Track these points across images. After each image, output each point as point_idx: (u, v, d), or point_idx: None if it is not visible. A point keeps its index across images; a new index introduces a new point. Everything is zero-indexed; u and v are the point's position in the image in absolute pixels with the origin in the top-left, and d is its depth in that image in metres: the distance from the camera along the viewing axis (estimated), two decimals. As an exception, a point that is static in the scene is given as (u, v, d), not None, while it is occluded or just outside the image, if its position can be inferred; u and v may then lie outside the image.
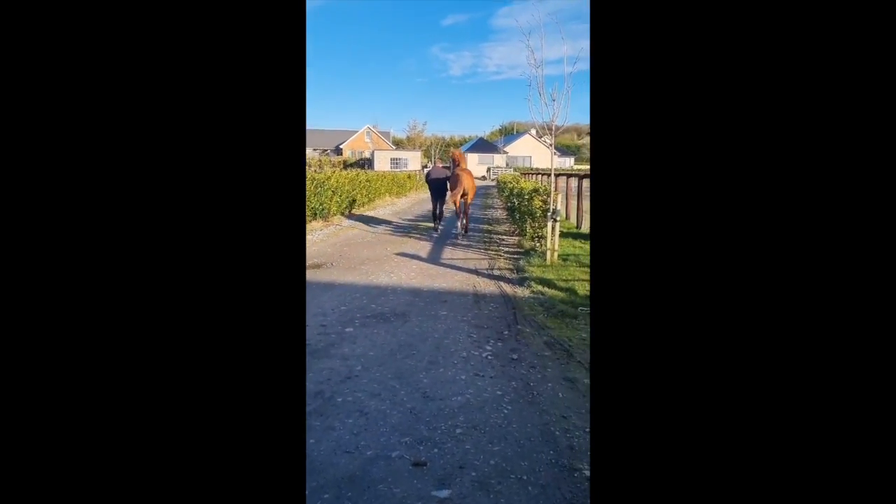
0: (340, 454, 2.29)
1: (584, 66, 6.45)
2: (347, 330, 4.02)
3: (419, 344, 3.72)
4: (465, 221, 9.68)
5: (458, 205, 9.29)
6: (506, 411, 2.72)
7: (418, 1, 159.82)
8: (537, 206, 7.39)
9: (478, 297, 5.11)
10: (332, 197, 11.37)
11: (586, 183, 10.44)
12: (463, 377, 3.15)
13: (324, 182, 11.03)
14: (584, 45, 6.45)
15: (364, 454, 2.29)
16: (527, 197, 7.85)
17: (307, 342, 3.70)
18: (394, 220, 12.41)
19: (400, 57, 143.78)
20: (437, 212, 9.92)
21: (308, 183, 10.20)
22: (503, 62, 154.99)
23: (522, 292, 5.31)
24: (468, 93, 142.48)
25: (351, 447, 2.35)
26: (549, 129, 6.60)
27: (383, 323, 4.22)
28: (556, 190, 6.96)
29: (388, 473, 2.15)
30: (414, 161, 42.24)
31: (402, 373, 3.19)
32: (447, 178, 9.59)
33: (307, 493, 2.02)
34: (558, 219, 6.81)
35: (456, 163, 9.58)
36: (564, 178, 11.71)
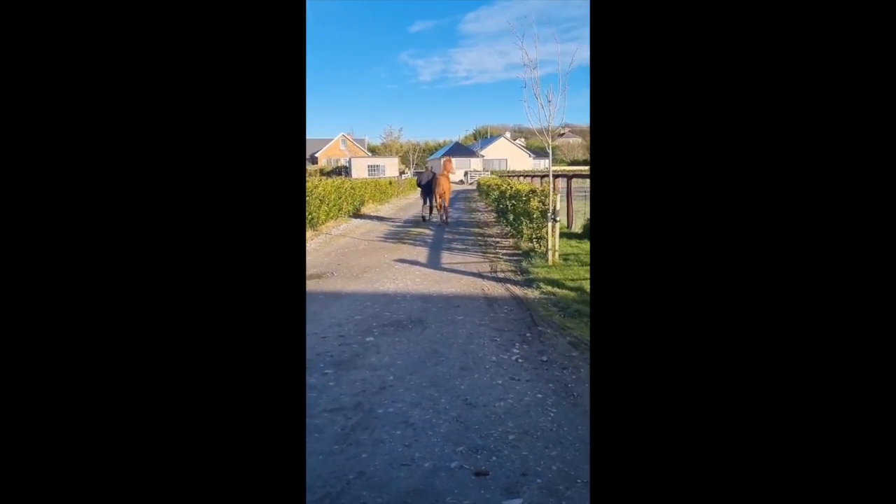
0: (397, 467, 2.21)
1: (551, 69, 6.52)
2: (368, 339, 3.93)
3: (445, 350, 3.66)
4: (444, 216, 12.29)
5: (437, 203, 12.16)
6: (552, 414, 2.68)
7: (385, 8, 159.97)
8: (535, 208, 7.40)
9: (489, 301, 5.07)
10: (319, 206, 11.21)
11: (575, 183, 10.51)
12: (499, 382, 3.10)
13: (311, 191, 10.87)
14: (552, 48, 6.51)
15: (422, 466, 2.22)
16: (524, 198, 7.86)
17: (329, 353, 3.61)
18: (382, 227, 12.31)
19: (369, 64, 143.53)
20: (427, 206, 12.95)
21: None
22: (473, 67, 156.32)
23: (532, 294, 5.29)
24: (440, 98, 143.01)
25: (406, 459, 2.27)
26: (547, 131, 6.61)
27: (402, 330, 4.14)
28: (555, 191, 6.98)
29: (453, 485, 2.09)
30: (391, 167, 42.03)
31: (436, 380, 3.13)
32: (431, 181, 12.51)
33: (374, 510, 1.95)
34: (558, 219, 6.83)
35: (441, 171, 12.58)
36: (549, 178, 11.77)
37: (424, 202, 13.06)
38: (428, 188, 12.62)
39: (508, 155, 56.68)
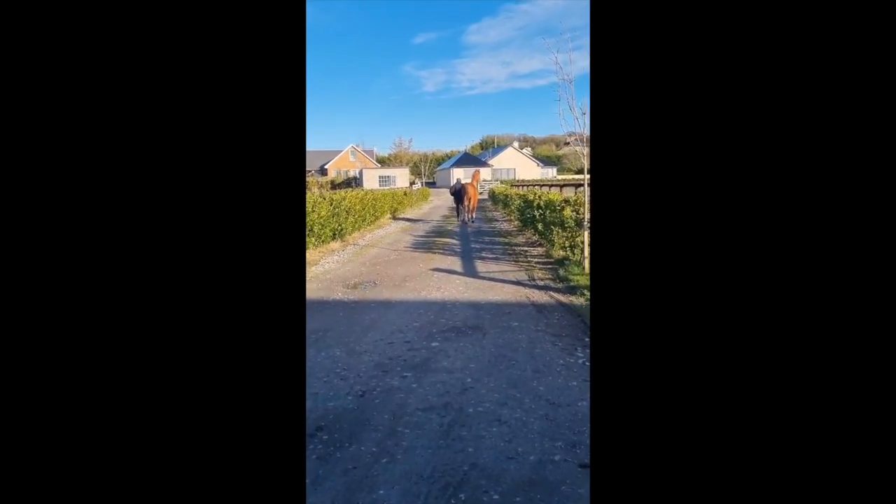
0: (505, 460, 2.38)
1: (555, 78, 6.74)
2: (433, 344, 4.11)
3: (512, 355, 3.83)
4: (470, 216, 15.78)
5: (465, 206, 15.57)
6: (635, 412, 2.84)
7: (388, 20, 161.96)
8: (568, 217, 7.58)
9: (538, 308, 5.23)
10: (346, 217, 11.43)
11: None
12: (574, 384, 3.27)
13: (339, 203, 11.10)
14: (553, 57, 6.70)
15: (528, 459, 2.39)
16: (558, 208, 8.04)
17: (401, 358, 3.79)
18: (406, 236, 12.51)
19: (374, 76, 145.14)
20: (459, 209, 16.06)
21: (326, 204, 10.27)
22: (476, 77, 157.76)
23: (578, 300, 5.45)
24: (444, 108, 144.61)
25: (511, 453, 2.44)
26: (582, 140, 6.81)
27: (463, 336, 4.32)
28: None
29: (563, 476, 2.25)
30: (402, 178, 42.44)
31: (514, 382, 3.30)
32: (461, 190, 15.75)
33: (497, 497, 2.11)
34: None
35: (470, 182, 16.03)
36: (584, 188, 11.98)
37: (457, 205, 16.73)
38: (459, 195, 16.10)
39: (517, 164, 57.06)
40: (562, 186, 13.86)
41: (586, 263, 6.79)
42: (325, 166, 51.80)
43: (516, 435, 2.62)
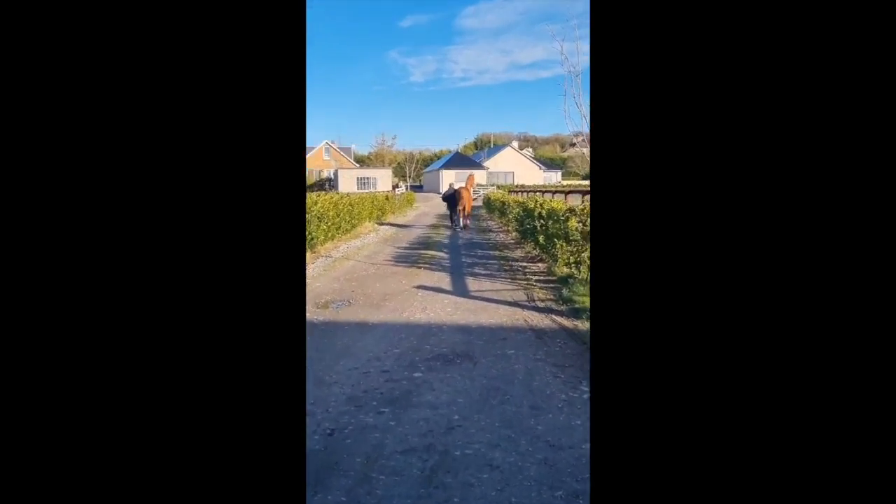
0: (497, 513, 2.35)
1: (560, 69, 6.84)
2: (416, 375, 4.08)
3: (507, 387, 3.81)
4: (466, 222, 17.47)
5: (459, 210, 17.29)
6: (648, 457, 2.83)
7: (373, 1, 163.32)
8: (574, 228, 7.62)
9: (538, 333, 5.23)
10: (318, 225, 11.40)
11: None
12: (578, 422, 3.25)
13: (310, 208, 11.06)
14: (557, 45, 6.79)
15: (523, 512, 2.36)
16: (562, 218, 8.08)
17: (378, 391, 3.75)
18: (387, 248, 12.51)
19: (354, 63, 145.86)
20: (453, 216, 17.79)
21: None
22: (470, 67, 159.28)
23: (583, 325, 5.46)
24: (433, 102, 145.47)
25: (504, 505, 2.41)
26: (586, 140, 6.88)
27: (451, 366, 4.29)
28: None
29: (563, 531, 2.23)
30: (384, 180, 42.53)
31: (508, 420, 3.28)
32: (454, 196, 17.39)
33: (486, 557, 2.08)
34: (601, 242, 7.04)
35: (464, 186, 17.82)
36: (578, 195, 12.08)
37: (451, 212, 18.35)
38: (452, 201, 17.54)
39: (516, 167, 57.46)
40: (566, 193, 13.93)
41: (593, 282, 6.82)
42: (296, 165, 51.79)
43: (510, 482, 2.59)
